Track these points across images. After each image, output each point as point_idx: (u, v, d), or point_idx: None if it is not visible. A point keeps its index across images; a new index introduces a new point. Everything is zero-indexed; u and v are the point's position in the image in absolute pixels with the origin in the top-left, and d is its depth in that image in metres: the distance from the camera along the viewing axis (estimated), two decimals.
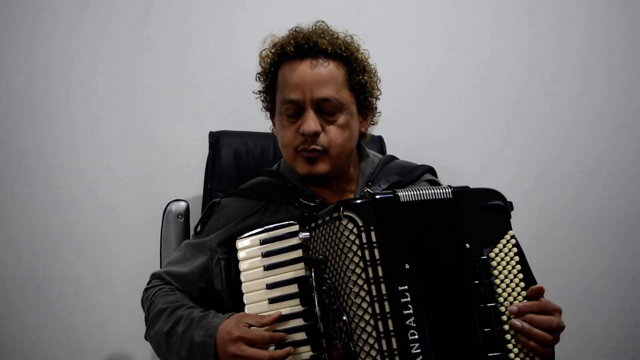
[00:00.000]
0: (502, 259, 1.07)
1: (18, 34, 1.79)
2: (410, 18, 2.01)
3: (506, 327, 1.04)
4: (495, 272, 1.06)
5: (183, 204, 1.55)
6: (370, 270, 1.01)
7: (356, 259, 1.01)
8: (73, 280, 1.81)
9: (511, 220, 1.10)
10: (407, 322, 0.99)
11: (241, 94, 1.36)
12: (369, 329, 0.99)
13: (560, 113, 2.09)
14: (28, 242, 1.80)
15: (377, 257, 1.01)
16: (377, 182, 1.32)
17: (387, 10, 1.99)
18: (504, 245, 1.08)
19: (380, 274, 1.01)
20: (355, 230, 1.02)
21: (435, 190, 1.08)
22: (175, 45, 1.87)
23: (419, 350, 0.99)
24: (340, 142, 1.23)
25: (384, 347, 0.98)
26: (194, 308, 1.21)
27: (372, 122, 1.37)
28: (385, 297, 1.00)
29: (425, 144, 2.00)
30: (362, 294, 1.00)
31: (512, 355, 1.04)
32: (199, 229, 1.35)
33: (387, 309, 0.99)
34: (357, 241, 1.01)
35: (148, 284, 1.33)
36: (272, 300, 1.12)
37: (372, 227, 1.02)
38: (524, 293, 1.07)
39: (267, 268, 1.14)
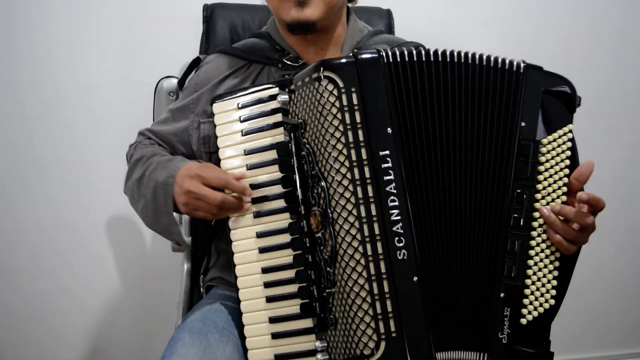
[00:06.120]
0: (554, 149, 0.99)
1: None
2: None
3: (536, 214, 0.99)
4: (543, 159, 0.99)
5: (174, 80, 1.49)
6: (350, 133, 0.94)
7: (335, 122, 0.94)
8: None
9: None
10: (387, 189, 0.94)
11: None
12: (347, 194, 0.94)
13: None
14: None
15: (358, 120, 0.94)
16: (364, 49, 1.24)
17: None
18: (560, 137, 1.00)
19: (361, 138, 0.94)
20: (335, 92, 0.94)
21: (502, 59, 1.00)
22: None
23: (399, 217, 0.95)
24: None
25: (363, 213, 0.93)
26: (166, 155, 1.19)
27: None
28: (365, 162, 0.94)
29: None
30: (341, 158, 0.94)
31: (532, 242, 0.99)
32: (183, 85, 1.32)
33: (367, 175, 0.94)
34: (337, 103, 0.94)
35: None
36: (250, 167, 1.07)
37: (353, 89, 0.95)
38: (564, 188, 0.99)
39: (245, 133, 1.08)
